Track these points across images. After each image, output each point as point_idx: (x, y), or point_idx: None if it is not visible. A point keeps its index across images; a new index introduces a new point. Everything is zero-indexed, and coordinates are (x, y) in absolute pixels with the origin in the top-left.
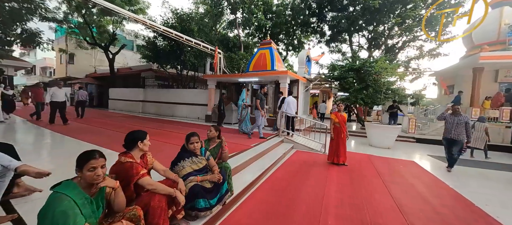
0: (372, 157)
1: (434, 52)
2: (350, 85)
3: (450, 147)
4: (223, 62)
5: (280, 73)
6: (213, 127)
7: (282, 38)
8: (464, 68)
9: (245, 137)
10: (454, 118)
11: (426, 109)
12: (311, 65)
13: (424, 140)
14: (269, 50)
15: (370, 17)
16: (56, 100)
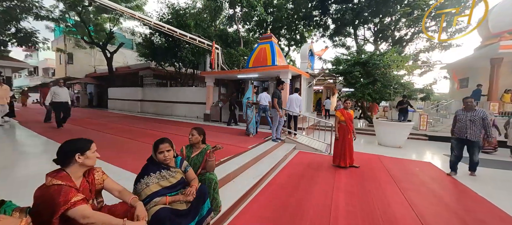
0: (383, 157)
1: (445, 43)
2: (357, 80)
3: (462, 148)
4: (221, 58)
5: (281, 67)
6: (196, 129)
7: (284, 33)
8: (480, 59)
9: (245, 138)
10: (466, 114)
11: (437, 105)
12: (314, 60)
13: (437, 138)
14: (270, 44)
15: (376, 8)
16: (59, 100)
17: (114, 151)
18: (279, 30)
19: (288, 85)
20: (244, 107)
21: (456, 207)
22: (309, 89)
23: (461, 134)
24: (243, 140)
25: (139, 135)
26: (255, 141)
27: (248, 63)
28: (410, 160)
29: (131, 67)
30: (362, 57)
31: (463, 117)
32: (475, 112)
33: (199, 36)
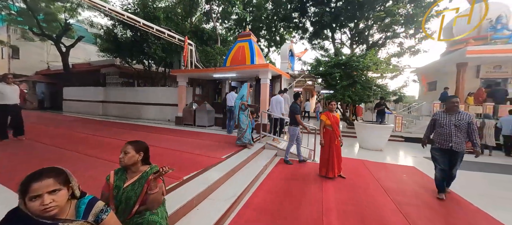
0: (367, 163)
1: (413, 49)
2: (336, 81)
3: (447, 161)
4: (195, 56)
5: (261, 66)
6: (132, 145)
7: (263, 34)
8: (447, 64)
9: (221, 145)
10: (450, 117)
11: (409, 107)
12: (295, 61)
13: (412, 139)
14: (249, 43)
15: (352, 13)
16: (5, 102)
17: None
18: (259, 30)
19: (268, 85)
20: (236, 110)
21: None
22: (289, 90)
23: (443, 143)
24: (218, 148)
25: (91, 145)
26: (231, 149)
27: (225, 62)
28: (395, 165)
29: (92, 64)
30: (341, 59)
31: (446, 121)
32: (460, 115)
33: (169, 29)
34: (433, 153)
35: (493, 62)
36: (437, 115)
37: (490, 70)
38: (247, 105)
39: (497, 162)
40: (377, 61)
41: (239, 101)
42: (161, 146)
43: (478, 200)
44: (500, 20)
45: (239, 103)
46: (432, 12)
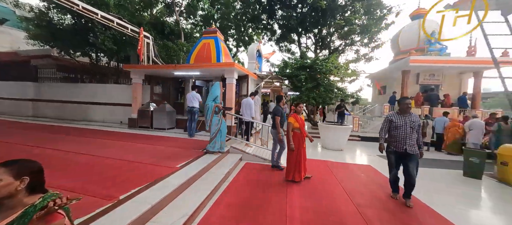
0: (330, 163)
1: (368, 56)
2: (302, 83)
3: (400, 163)
4: (154, 50)
5: (226, 65)
6: (7, 166)
7: (232, 34)
8: (395, 71)
9: (178, 151)
10: (405, 119)
11: (364, 108)
12: (262, 62)
13: (367, 138)
14: (214, 40)
15: (317, 19)
16: None
17: None
18: (227, 29)
19: (234, 85)
20: (208, 112)
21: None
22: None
23: (398, 146)
24: (174, 155)
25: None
26: (191, 155)
27: (189, 59)
28: (354, 165)
29: (20, 54)
30: (307, 62)
31: (401, 123)
32: (413, 117)
33: (119, 17)
34: (388, 156)
35: (428, 70)
36: (392, 116)
37: (427, 77)
38: (221, 108)
39: (434, 157)
40: (338, 65)
41: (212, 103)
42: (103, 155)
43: (426, 197)
44: (433, 35)
45: (212, 105)
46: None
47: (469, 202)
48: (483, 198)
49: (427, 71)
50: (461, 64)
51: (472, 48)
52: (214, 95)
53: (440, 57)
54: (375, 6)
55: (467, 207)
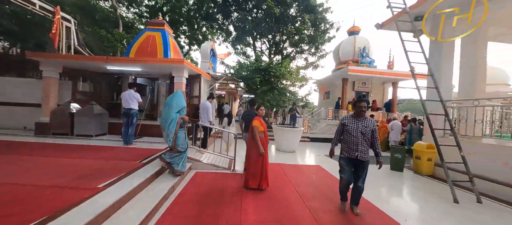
0: (284, 166)
1: (315, 64)
2: (257, 86)
3: (352, 171)
4: (77, 38)
5: (174, 62)
6: None
7: (184, 30)
8: (336, 78)
9: (97, 169)
10: (358, 124)
11: (312, 112)
12: (217, 62)
13: (315, 139)
14: (162, 33)
15: (271, 25)
16: None
17: None
18: (179, 24)
19: (184, 84)
20: (172, 125)
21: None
22: (210, 92)
23: (350, 152)
24: (99, 171)
25: None
26: (123, 168)
27: (128, 51)
28: (305, 166)
29: None
30: (262, 65)
31: (354, 127)
32: (366, 122)
33: None
34: (340, 162)
35: (361, 79)
36: (346, 120)
37: (360, 85)
38: (188, 120)
39: None
40: (290, 70)
41: (178, 116)
42: None
43: (374, 198)
44: (364, 50)
45: (177, 117)
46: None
47: (397, 194)
48: (404, 188)
49: (360, 80)
50: (384, 75)
51: (391, 63)
52: (180, 106)
53: (369, 68)
54: (320, 20)
55: (396, 197)
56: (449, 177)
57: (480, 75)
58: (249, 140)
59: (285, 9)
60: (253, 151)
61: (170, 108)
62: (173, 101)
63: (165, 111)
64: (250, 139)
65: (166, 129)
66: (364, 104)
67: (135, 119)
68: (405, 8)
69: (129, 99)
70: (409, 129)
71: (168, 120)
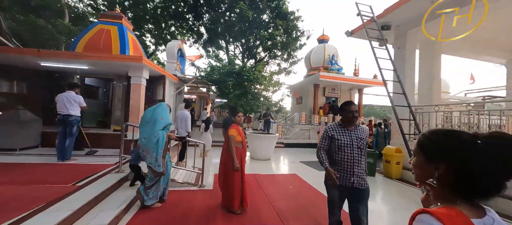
0: (259, 177)
1: (287, 69)
2: (230, 90)
3: (342, 204)
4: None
5: (131, 59)
6: None
7: (150, 28)
8: (309, 84)
9: (10, 195)
10: (351, 134)
11: (286, 117)
12: (185, 63)
13: (290, 144)
14: (118, 27)
15: (244, 28)
16: None
17: None
18: (144, 22)
19: (143, 87)
20: (160, 146)
21: None
22: (178, 96)
23: (343, 177)
24: (13, 202)
25: None
26: (48, 195)
27: (74, 46)
28: (281, 175)
29: None
30: (235, 68)
31: (347, 141)
32: (360, 131)
33: None
34: (328, 191)
35: (330, 85)
36: (333, 130)
37: (330, 91)
38: (177, 138)
39: None
40: (265, 74)
41: (164, 134)
42: None
43: None
44: (333, 57)
45: (164, 135)
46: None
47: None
48: (378, 193)
49: (330, 86)
50: (352, 82)
51: (357, 70)
52: (166, 122)
53: (338, 75)
54: (292, 28)
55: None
56: None
57: (436, 84)
58: (224, 153)
59: (259, 13)
60: (230, 165)
61: (155, 124)
62: (157, 115)
63: (147, 129)
64: (226, 151)
65: (153, 150)
66: (356, 106)
67: (75, 128)
68: (373, 17)
69: (67, 102)
70: (375, 133)
71: (153, 138)
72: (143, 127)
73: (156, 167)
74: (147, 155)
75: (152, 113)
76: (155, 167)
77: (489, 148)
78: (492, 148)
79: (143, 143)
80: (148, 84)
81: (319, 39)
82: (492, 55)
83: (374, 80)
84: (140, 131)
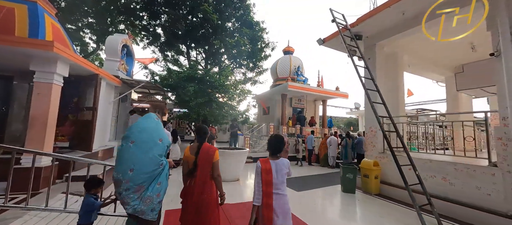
0: (226, 207)
1: (253, 79)
2: (191, 97)
3: None
4: None
5: (31, 45)
6: None
7: (91, 23)
8: (276, 94)
9: None
10: None
11: (253, 128)
12: (134, 64)
13: (258, 159)
14: (29, 6)
15: (208, 34)
16: None
17: None
18: (84, 15)
19: (57, 88)
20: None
21: None
22: (122, 103)
23: None
24: None
25: None
26: None
27: None
28: None
29: None
30: (197, 73)
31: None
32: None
33: None
34: None
35: (297, 95)
36: None
37: (296, 102)
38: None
39: (311, 173)
40: (232, 82)
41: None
42: None
43: None
44: (299, 68)
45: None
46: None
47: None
48: (366, 214)
49: (297, 96)
50: (319, 93)
51: (320, 82)
52: (167, 143)
53: (305, 86)
54: (257, 38)
55: None
56: (415, 202)
57: (400, 97)
58: (198, 187)
59: (224, 20)
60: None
61: (153, 147)
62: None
63: (138, 154)
64: (203, 184)
65: (148, 188)
66: None
67: None
68: (346, 25)
69: None
70: (344, 144)
71: (148, 169)
72: (128, 150)
73: (148, 215)
74: (132, 197)
75: (141, 130)
76: (147, 215)
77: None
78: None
79: (128, 178)
80: (73, 86)
81: (285, 50)
82: (436, 72)
83: (336, 91)
84: (122, 157)
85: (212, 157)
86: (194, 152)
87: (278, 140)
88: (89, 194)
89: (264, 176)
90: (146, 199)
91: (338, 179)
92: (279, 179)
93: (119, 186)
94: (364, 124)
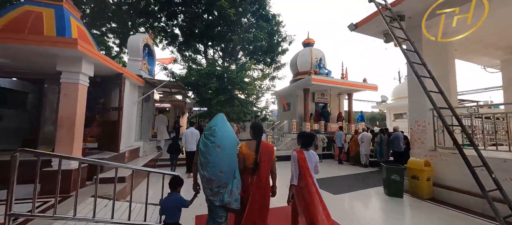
0: None
1: (271, 75)
2: (212, 95)
3: None
4: None
5: (56, 43)
6: None
7: (113, 27)
8: (297, 89)
9: None
10: None
11: (274, 126)
12: (155, 64)
13: (282, 157)
14: (55, 10)
15: (225, 31)
16: None
17: None
18: (105, 20)
19: (83, 88)
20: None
21: None
22: (145, 103)
23: None
24: None
25: None
26: None
27: None
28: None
29: None
30: (217, 69)
31: None
32: None
33: None
34: None
35: (320, 90)
36: None
37: (319, 97)
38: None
39: (345, 173)
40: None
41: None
42: None
43: None
44: (321, 61)
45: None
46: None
47: None
48: (424, 224)
49: (319, 91)
50: (345, 85)
51: (345, 74)
52: (237, 142)
53: (329, 78)
54: (274, 32)
55: None
56: (499, 213)
57: (452, 86)
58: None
59: (240, 16)
60: None
61: (234, 150)
62: (233, 140)
63: (224, 157)
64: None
65: (231, 183)
66: None
67: None
68: (386, 4)
69: None
70: (379, 141)
71: (236, 167)
72: (216, 155)
73: (233, 204)
74: (222, 193)
75: (224, 135)
76: (232, 205)
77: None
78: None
79: (219, 178)
80: (99, 86)
81: (305, 42)
82: (487, 55)
83: (364, 84)
84: (211, 161)
85: (272, 154)
86: (253, 149)
87: (310, 136)
88: (175, 191)
89: (301, 162)
90: (231, 192)
91: (375, 180)
92: (310, 166)
93: (211, 184)
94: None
